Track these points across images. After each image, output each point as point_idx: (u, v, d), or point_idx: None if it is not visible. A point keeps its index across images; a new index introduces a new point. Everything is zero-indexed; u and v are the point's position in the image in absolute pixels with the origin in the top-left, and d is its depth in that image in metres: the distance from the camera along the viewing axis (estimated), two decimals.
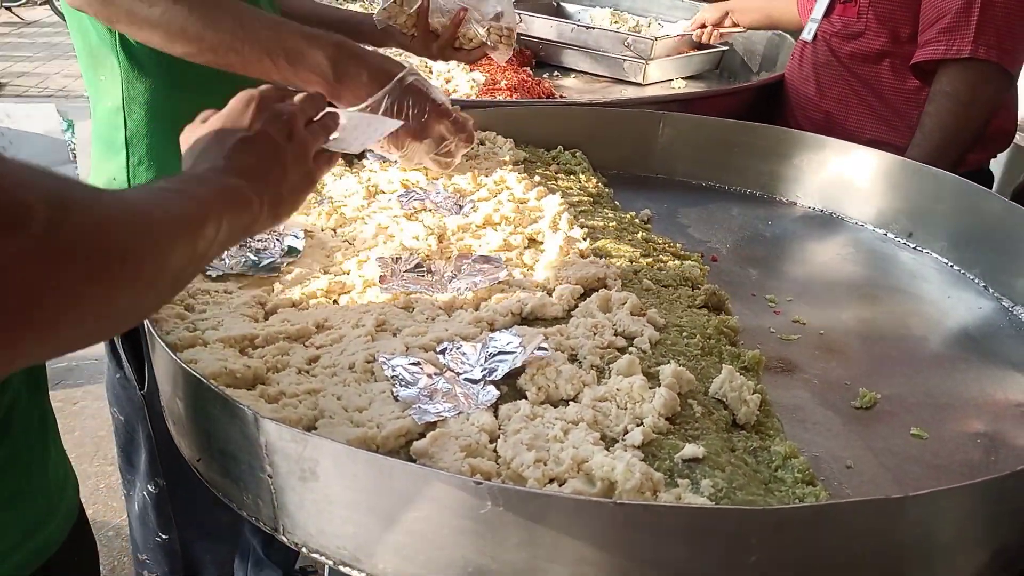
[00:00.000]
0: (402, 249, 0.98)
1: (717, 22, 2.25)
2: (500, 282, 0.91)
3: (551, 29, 2.36)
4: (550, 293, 0.91)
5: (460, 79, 1.99)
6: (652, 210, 1.26)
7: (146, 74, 1.10)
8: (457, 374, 0.74)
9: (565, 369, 0.74)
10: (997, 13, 1.47)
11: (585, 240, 1.03)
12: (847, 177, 1.27)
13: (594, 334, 0.82)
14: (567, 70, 2.34)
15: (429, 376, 0.73)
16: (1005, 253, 1.05)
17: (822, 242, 1.22)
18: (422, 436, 0.66)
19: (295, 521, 0.64)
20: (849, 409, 0.84)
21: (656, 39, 2.18)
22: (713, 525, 0.55)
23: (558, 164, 1.34)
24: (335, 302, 0.89)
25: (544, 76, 2.28)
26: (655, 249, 1.07)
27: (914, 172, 1.19)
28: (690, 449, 0.66)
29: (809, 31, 1.77)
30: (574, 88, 2.22)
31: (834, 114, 1.75)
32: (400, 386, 0.71)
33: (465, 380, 0.74)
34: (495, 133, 1.37)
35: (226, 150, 0.69)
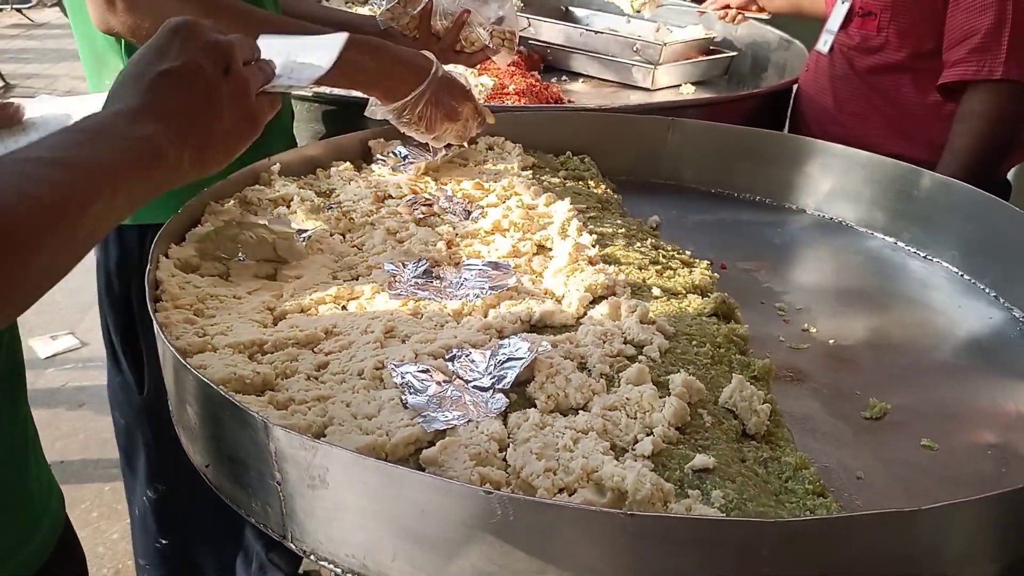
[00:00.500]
0: (411, 255, 0.98)
1: (743, 5, 2.22)
2: (509, 289, 0.91)
3: (559, 33, 2.36)
4: (559, 300, 0.91)
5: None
6: (661, 216, 1.26)
7: None
8: (466, 381, 0.74)
9: (575, 377, 0.74)
10: None
11: (594, 247, 1.03)
12: (857, 185, 1.26)
13: (603, 342, 0.81)
14: (575, 75, 2.34)
15: (438, 383, 0.72)
16: (1016, 263, 1.05)
17: (832, 250, 1.22)
18: (431, 444, 0.66)
19: (304, 528, 0.64)
20: (859, 419, 0.83)
21: (665, 44, 2.17)
22: (724, 537, 0.54)
23: (567, 170, 1.34)
24: (344, 308, 0.89)
25: (552, 80, 2.27)
26: (664, 256, 1.07)
27: (925, 180, 1.19)
28: (700, 459, 0.65)
29: (824, 43, 1.74)
30: (582, 93, 2.21)
31: (852, 128, 1.71)
32: (409, 393, 0.71)
33: (474, 388, 0.73)
34: (504, 138, 1.37)
35: (144, 85, 0.59)
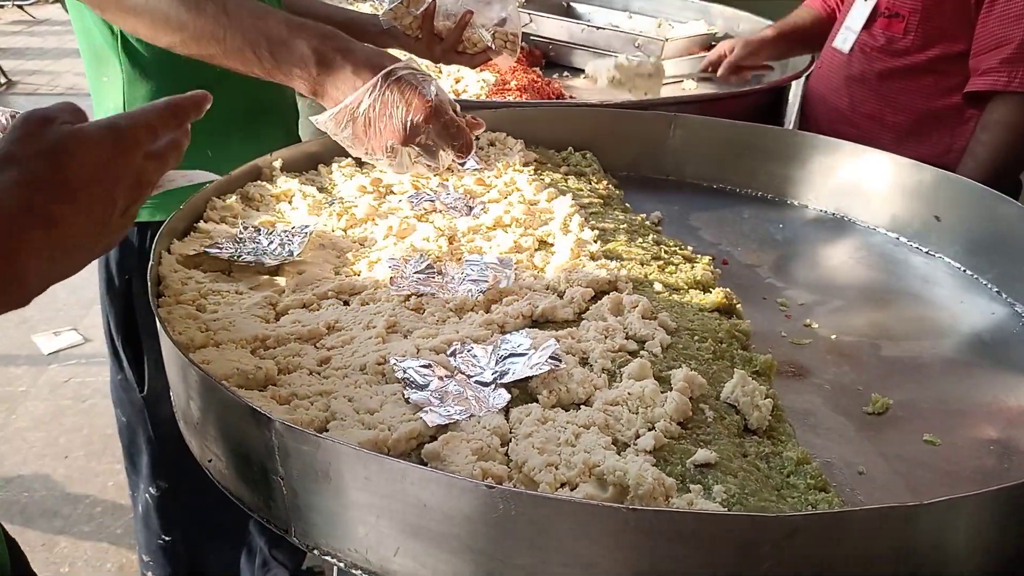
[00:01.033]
0: (412, 250, 0.98)
1: (755, 58, 2.06)
2: (511, 284, 0.91)
3: (561, 29, 2.36)
4: (561, 296, 0.91)
5: (470, 79, 1.99)
6: (663, 212, 1.26)
7: (148, 77, 1.10)
8: (468, 376, 0.74)
9: (576, 373, 0.74)
10: None
11: (596, 242, 1.03)
12: (859, 180, 1.26)
13: (605, 337, 0.81)
14: (577, 70, 2.34)
15: (440, 378, 0.72)
16: (1019, 258, 1.04)
17: (834, 246, 1.22)
18: (433, 439, 0.66)
19: (307, 523, 0.64)
20: (861, 415, 0.83)
21: (667, 40, 2.17)
22: (726, 531, 0.54)
23: (568, 166, 1.34)
24: (346, 303, 0.89)
25: (554, 76, 2.27)
26: (666, 252, 1.07)
27: (928, 176, 1.18)
28: (702, 454, 0.65)
29: (845, 40, 1.71)
30: (584, 89, 2.21)
31: (867, 130, 1.70)
32: (411, 388, 0.71)
33: (476, 383, 0.73)
34: (505, 134, 1.37)
35: (47, 148, 0.55)
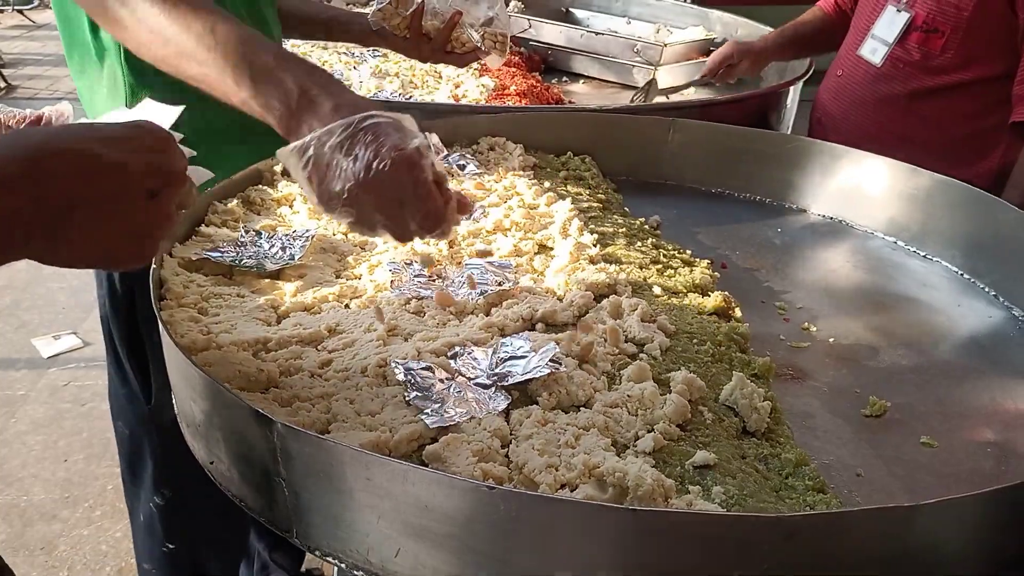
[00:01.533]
0: (413, 254, 0.99)
1: (758, 66, 2.04)
2: (511, 288, 0.91)
3: (560, 35, 2.37)
4: (560, 299, 0.91)
5: (470, 84, 2.00)
6: (661, 216, 1.26)
7: (151, 85, 1.08)
8: (468, 379, 0.75)
9: (576, 375, 0.75)
10: None
11: (595, 246, 1.03)
12: (857, 185, 1.27)
13: (605, 340, 0.82)
14: (576, 75, 2.35)
15: (441, 381, 0.73)
16: (1016, 262, 1.05)
17: (832, 250, 1.22)
18: (434, 440, 0.66)
19: (308, 524, 0.65)
20: (859, 417, 0.84)
21: (665, 45, 2.18)
22: (725, 532, 0.55)
23: (568, 170, 1.35)
24: (347, 306, 0.90)
25: (553, 81, 2.28)
26: (665, 256, 1.08)
27: (926, 181, 1.19)
28: (701, 456, 0.66)
29: (874, 51, 1.64)
30: (583, 94, 2.22)
31: (893, 148, 1.52)
32: (412, 390, 0.72)
33: (476, 385, 0.74)
34: (505, 139, 1.37)
35: (48, 151, 0.55)
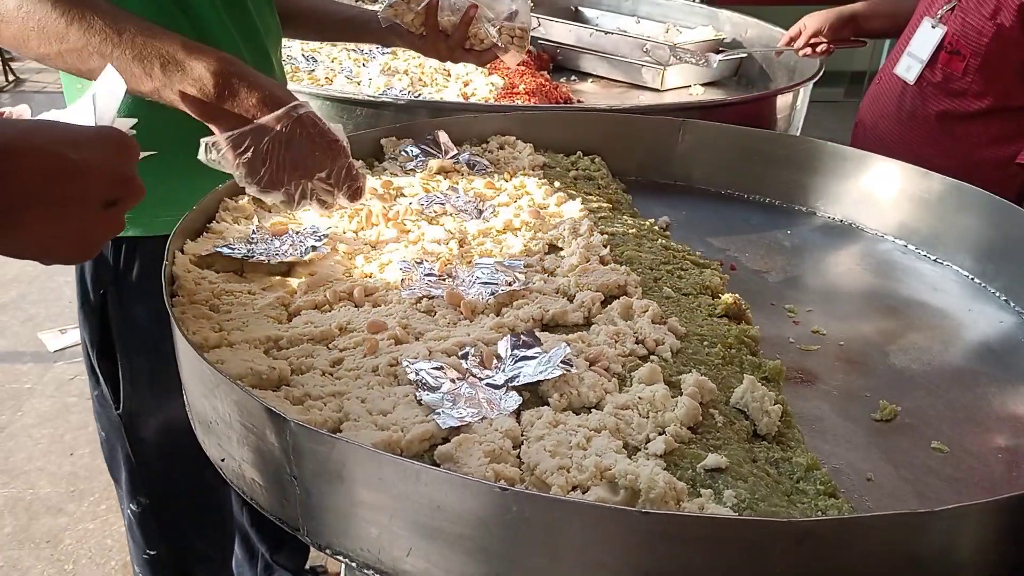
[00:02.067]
0: (423, 253, 0.99)
1: (838, 32, 1.91)
2: (521, 288, 0.91)
3: (569, 33, 2.37)
4: (571, 299, 0.91)
5: (479, 82, 2.00)
6: (671, 217, 1.26)
7: None
8: (480, 379, 0.75)
9: (587, 377, 0.75)
10: None
11: (606, 247, 1.03)
12: (867, 187, 1.26)
13: (615, 342, 0.82)
14: (584, 74, 2.35)
15: (452, 381, 0.73)
16: None
17: (842, 252, 1.22)
18: (446, 440, 0.66)
19: (319, 522, 0.65)
20: (869, 421, 0.84)
21: (675, 45, 2.18)
22: (737, 536, 0.55)
23: (577, 170, 1.35)
24: (357, 305, 0.90)
25: (561, 80, 2.28)
26: (675, 257, 1.07)
27: (936, 184, 1.19)
28: (713, 459, 0.66)
29: (909, 69, 1.63)
30: (591, 93, 2.22)
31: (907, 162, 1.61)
32: (423, 390, 0.72)
33: (487, 385, 0.74)
34: (515, 138, 1.37)
35: (17, 147, 0.55)
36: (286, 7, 1.28)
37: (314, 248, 0.97)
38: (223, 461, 0.73)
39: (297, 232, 1.01)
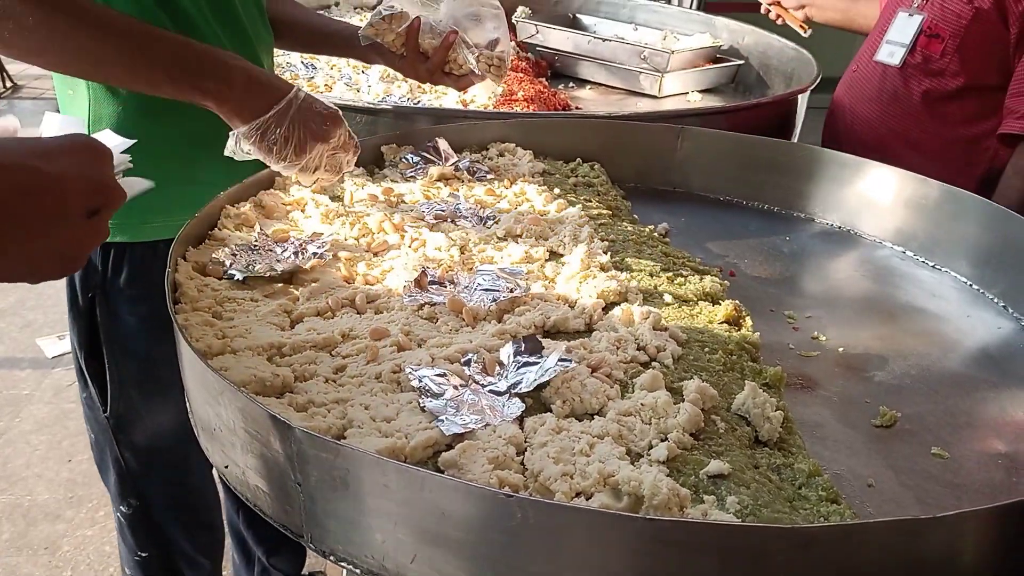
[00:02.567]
0: (425, 260, 0.99)
1: (794, 5, 2.20)
2: (523, 294, 0.92)
3: (567, 41, 2.38)
4: (572, 306, 0.91)
5: (478, 88, 2.00)
6: (670, 224, 1.27)
7: (114, 96, 1.08)
8: (482, 386, 0.75)
9: (590, 383, 0.75)
10: None
11: (606, 254, 1.04)
12: (865, 194, 1.27)
13: (617, 348, 0.82)
14: (583, 81, 2.35)
15: (455, 387, 0.73)
16: None
17: (841, 259, 1.23)
18: (450, 447, 0.67)
19: (324, 530, 0.65)
20: (869, 427, 0.84)
21: (672, 52, 2.19)
22: (742, 542, 0.55)
23: (576, 177, 1.35)
24: (359, 312, 0.90)
25: (560, 87, 2.29)
26: (675, 263, 1.08)
27: (934, 191, 1.19)
28: (715, 465, 0.66)
29: (892, 54, 1.73)
30: (590, 100, 2.23)
31: (890, 142, 1.73)
32: (427, 397, 0.72)
33: (490, 392, 0.74)
34: (515, 144, 1.38)
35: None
36: (272, 18, 1.28)
37: (316, 255, 0.97)
38: (227, 468, 0.73)
39: (299, 239, 1.01)
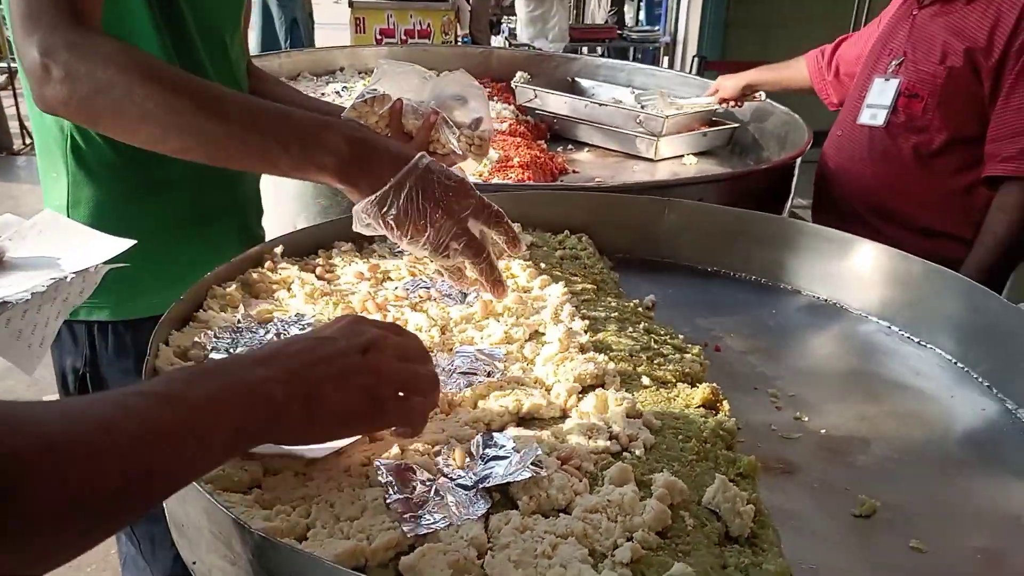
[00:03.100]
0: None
1: (738, 97, 2.41)
2: (499, 379, 0.92)
3: (564, 105, 2.43)
4: (548, 390, 0.92)
5: (460, 167, 2.04)
6: (657, 295, 1.27)
7: (92, 179, 1.10)
8: (451, 479, 0.75)
9: (557, 477, 0.75)
10: None
11: (586, 332, 1.04)
12: (849, 268, 1.28)
13: (589, 438, 0.82)
14: (581, 144, 2.40)
15: (423, 483, 0.73)
16: (1007, 354, 1.05)
17: (826, 333, 1.23)
18: (412, 548, 0.66)
19: None
20: (848, 517, 0.83)
21: (667, 116, 2.23)
22: None
23: (564, 248, 1.37)
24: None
25: (558, 149, 2.33)
26: (656, 342, 1.08)
27: (917, 267, 1.20)
28: (678, 568, 0.65)
29: (874, 116, 1.85)
30: (587, 162, 2.26)
31: (888, 199, 1.84)
32: (393, 493, 0.72)
33: (457, 486, 0.74)
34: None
35: (279, 344, 0.65)
36: (256, 92, 1.30)
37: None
38: (194, 564, 0.73)
39: (282, 320, 1.03)
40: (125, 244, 0.74)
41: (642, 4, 8.84)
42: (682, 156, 2.26)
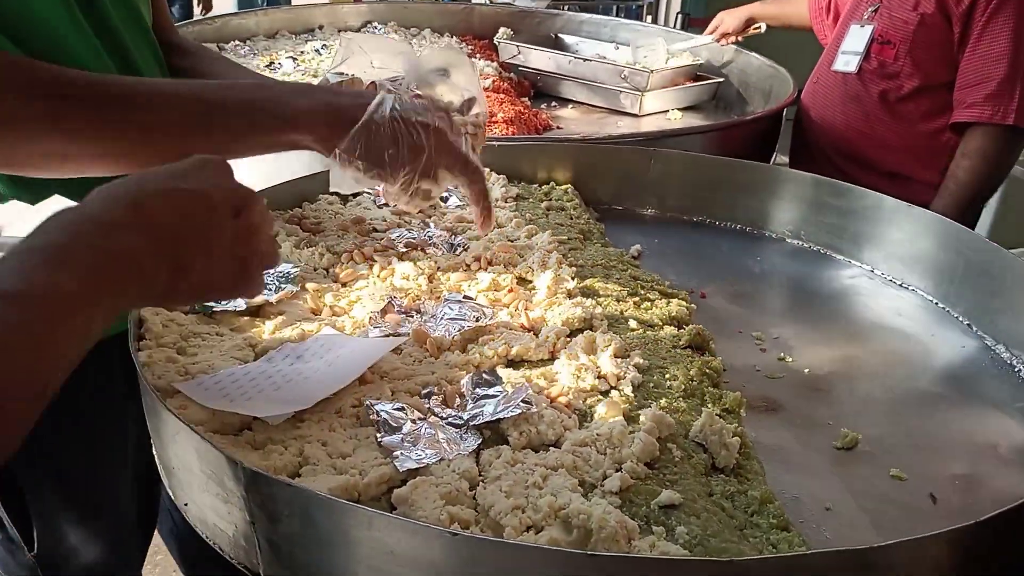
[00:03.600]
0: (392, 290, 1.00)
1: (738, 30, 2.39)
2: (487, 323, 0.92)
3: (549, 61, 2.40)
4: (537, 334, 0.92)
5: None
6: (642, 245, 1.28)
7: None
8: (441, 418, 0.76)
9: (547, 414, 0.76)
10: None
11: (573, 279, 1.05)
12: (832, 213, 1.28)
13: (577, 377, 0.83)
14: (565, 100, 2.38)
15: (413, 422, 0.74)
16: (986, 291, 1.06)
17: (809, 278, 1.24)
18: (404, 483, 0.67)
19: (281, 567, 0.66)
20: (830, 450, 0.85)
21: (652, 71, 2.21)
22: (682, 575, 0.56)
23: (550, 200, 1.36)
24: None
25: (542, 106, 2.31)
26: (642, 287, 1.09)
27: (897, 211, 1.21)
28: (666, 495, 0.67)
29: (848, 63, 1.88)
30: (571, 119, 2.25)
31: (858, 143, 1.88)
32: (384, 431, 0.73)
33: (448, 425, 0.75)
34: (489, 169, 1.39)
35: (132, 198, 0.57)
36: (186, 70, 1.17)
37: (282, 287, 0.98)
38: (186, 506, 0.74)
39: (268, 272, 1.02)
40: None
41: None
42: (667, 111, 2.25)
